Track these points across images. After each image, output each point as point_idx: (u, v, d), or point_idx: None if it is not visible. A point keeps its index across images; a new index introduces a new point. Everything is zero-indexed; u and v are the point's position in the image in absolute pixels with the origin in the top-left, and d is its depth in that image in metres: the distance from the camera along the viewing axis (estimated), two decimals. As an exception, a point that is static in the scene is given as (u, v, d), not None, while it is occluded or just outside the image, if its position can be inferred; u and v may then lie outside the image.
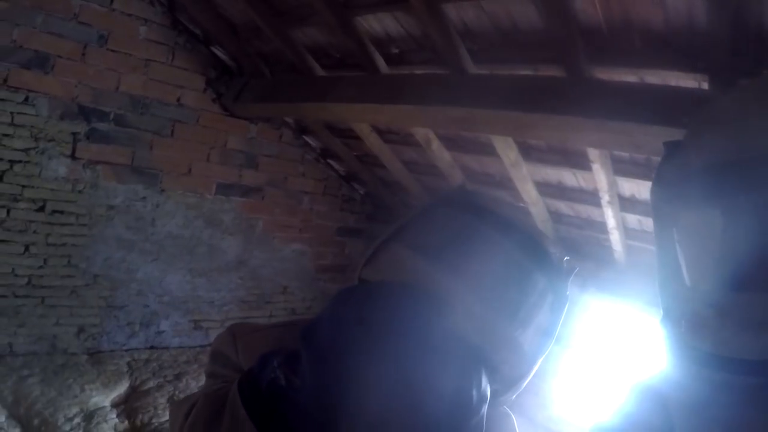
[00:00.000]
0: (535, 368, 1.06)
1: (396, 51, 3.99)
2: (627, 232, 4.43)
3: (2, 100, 4.35)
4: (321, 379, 0.85)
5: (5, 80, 4.34)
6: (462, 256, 0.97)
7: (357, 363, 0.84)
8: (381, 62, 4.03)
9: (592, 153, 3.56)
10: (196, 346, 5.67)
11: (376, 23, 3.82)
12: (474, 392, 0.88)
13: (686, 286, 0.87)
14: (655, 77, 2.81)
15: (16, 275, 4.61)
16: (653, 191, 0.96)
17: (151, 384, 4.95)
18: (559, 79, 3.08)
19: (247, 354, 1.08)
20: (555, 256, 1.08)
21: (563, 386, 5.40)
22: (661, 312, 0.93)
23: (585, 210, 4.53)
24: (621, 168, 3.73)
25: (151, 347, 5.42)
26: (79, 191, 4.80)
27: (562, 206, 4.69)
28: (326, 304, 0.96)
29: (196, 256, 5.62)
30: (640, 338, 4.97)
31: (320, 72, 4.65)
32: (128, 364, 5.09)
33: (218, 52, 5.42)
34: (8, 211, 4.51)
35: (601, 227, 4.46)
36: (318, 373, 0.86)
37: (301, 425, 0.86)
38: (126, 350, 5.24)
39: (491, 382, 0.95)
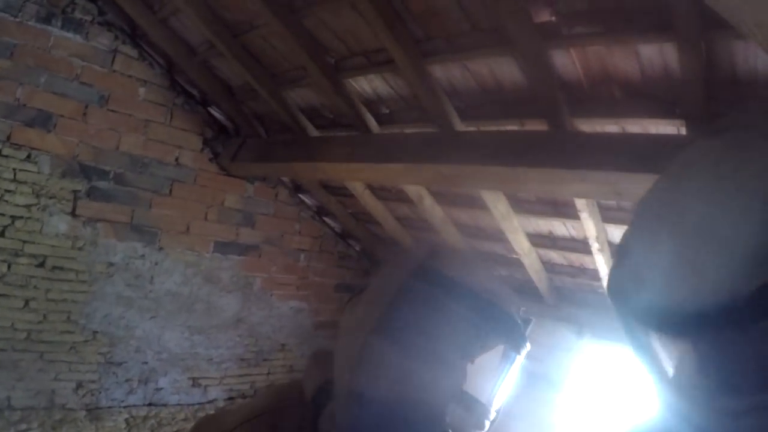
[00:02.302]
0: (493, 413, 1.15)
1: (386, 111, 4.12)
2: (619, 279, 4.48)
3: (5, 156, 4.46)
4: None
5: (8, 137, 4.46)
6: (442, 345, 1.07)
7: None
8: (372, 122, 4.17)
9: (579, 203, 3.65)
10: (195, 403, 5.66)
11: (366, 84, 3.96)
12: None
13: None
14: (636, 126, 2.92)
15: (15, 329, 4.63)
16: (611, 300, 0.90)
17: (148, 441, 4.96)
18: (542, 133, 3.19)
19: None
20: (520, 326, 1.17)
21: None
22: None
23: (577, 258, 4.60)
24: (609, 215, 3.82)
25: (150, 404, 5.40)
26: (79, 248, 4.87)
27: (555, 256, 4.76)
28: None
29: (194, 314, 5.65)
30: (636, 383, 4.98)
31: (314, 132, 4.79)
32: (126, 420, 5.07)
33: (215, 113, 5.56)
34: (9, 266, 4.56)
35: (594, 274, 4.52)
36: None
37: None
38: (124, 407, 5.23)
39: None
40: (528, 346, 1.18)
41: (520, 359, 1.17)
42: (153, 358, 5.41)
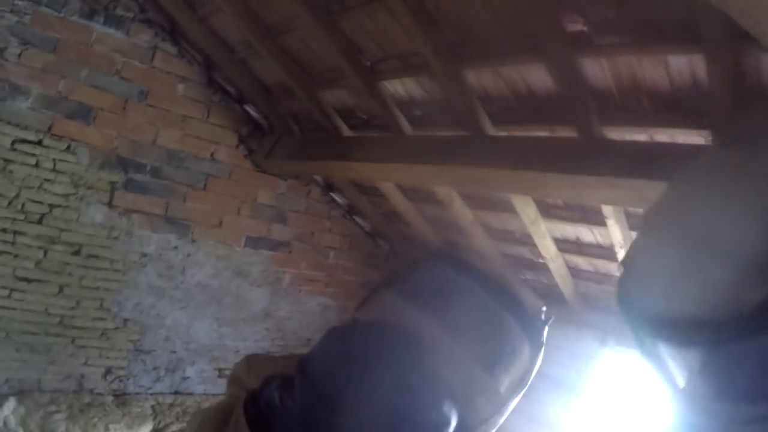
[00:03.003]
0: (507, 408, 1.19)
1: (419, 113, 4.17)
2: (645, 287, 4.49)
3: (46, 147, 4.60)
4: (307, 401, 1.01)
5: (50, 128, 4.60)
6: (444, 304, 1.11)
7: (338, 390, 1.00)
8: (405, 124, 4.21)
9: (606, 209, 3.68)
10: (220, 393, 5.71)
11: (400, 87, 4.01)
12: (436, 419, 1.03)
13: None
14: (663, 135, 2.95)
15: (49, 314, 4.76)
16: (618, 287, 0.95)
17: (174, 428, 5.05)
18: (572, 140, 3.23)
19: (258, 379, 1.23)
20: (531, 308, 1.21)
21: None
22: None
23: (603, 265, 4.61)
24: (635, 223, 3.83)
25: (176, 392, 5.50)
26: (114, 238, 4.99)
27: (581, 261, 4.78)
28: (320, 338, 1.12)
29: (223, 306, 5.75)
30: (655, 392, 4.98)
31: (347, 132, 4.86)
32: (152, 407, 5.17)
33: (251, 111, 5.64)
34: (45, 252, 4.69)
35: (620, 282, 4.53)
36: (305, 396, 1.02)
37: None
38: (151, 394, 5.33)
39: (462, 417, 1.08)
40: (544, 341, 1.22)
41: (538, 357, 1.21)
42: (181, 348, 5.52)
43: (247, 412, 1.06)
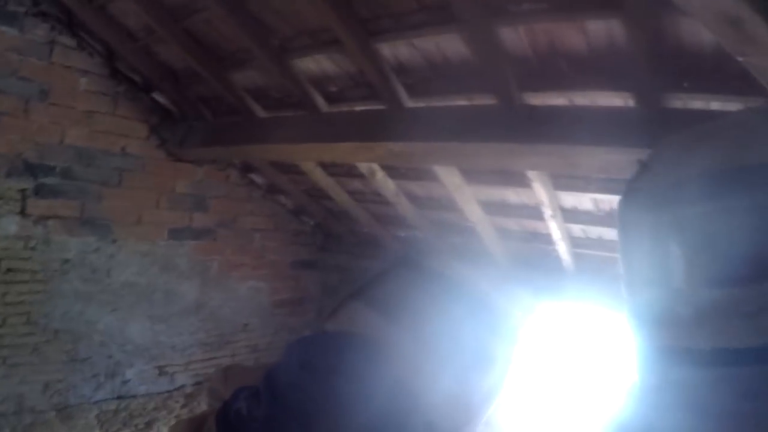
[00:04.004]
0: (479, 416, 1.16)
1: (334, 89, 4.10)
2: (572, 241, 4.59)
3: (-54, 161, 4.34)
4: (272, 412, 0.99)
5: (-54, 141, 4.34)
6: (411, 313, 1.09)
7: (301, 401, 0.98)
8: (320, 101, 4.13)
9: (531, 173, 3.71)
10: (163, 392, 5.65)
11: (312, 64, 3.92)
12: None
13: (663, 288, 0.93)
14: (584, 98, 2.96)
15: (-26, 338, 4.55)
16: (627, 202, 1.04)
17: (123, 435, 4.94)
18: (492, 107, 3.20)
19: (234, 390, 1.20)
20: (503, 312, 1.19)
21: (523, 389, 5.53)
22: (633, 321, 0.99)
23: (530, 224, 4.66)
24: (560, 183, 3.88)
25: (119, 397, 5.37)
26: (32, 248, 4.77)
27: (508, 222, 4.82)
28: (285, 348, 1.09)
29: (154, 303, 5.62)
30: (596, 337, 5.14)
31: (261, 113, 4.75)
32: (97, 417, 5.05)
33: (159, 99, 5.47)
34: (-39, 274, 4.47)
35: (547, 239, 4.61)
36: (268, 406, 0.99)
37: None
38: (93, 403, 5.19)
39: (432, 428, 1.06)
40: (519, 340, 1.20)
41: (512, 354, 1.19)
42: (117, 351, 5.37)
43: (218, 422, 1.04)
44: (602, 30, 2.57)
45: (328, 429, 0.97)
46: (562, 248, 4.59)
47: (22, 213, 4.71)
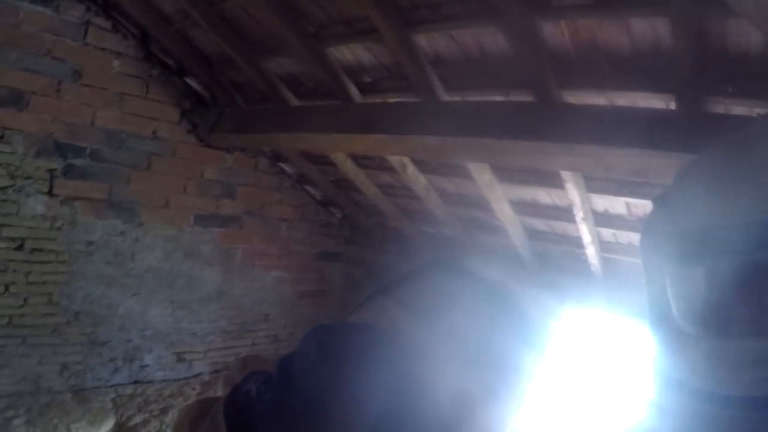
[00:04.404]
0: (507, 420, 1.11)
1: (368, 80, 4.05)
2: (602, 245, 4.51)
3: (-23, 138, 4.34)
4: (282, 393, 0.94)
5: (-21, 120, 4.33)
6: (441, 313, 1.03)
7: (310, 385, 0.93)
8: (354, 91, 4.08)
9: (564, 173, 3.63)
10: (180, 378, 5.64)
11: (348, 53, 3.88)
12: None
13: (675, 329, 0.94)
14: (624, 99, 2.87)
15: (-4, 316, 4.57)
16: (641, 240, 1.04)
17: (137, 420, 4.93)
18: (529, 104, 3.14)
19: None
20: (536, 322, 1.13)
21: (543, 397, 5.45)
22: (655, 347, 1.00)
23: (560, 226, 4.59)
24: (593, 185, 3.80)
25: (136, 382, 5.36)
26: (58, 228, 4.77)
27: (538, 223, 4.75)
28: (304, 334, 1.04)
29: (176, 289, 5.60)
30: (620, 346, 5.05)
31: (294, 102, 4.70)
32: (113, 400, 5.03)
33: (192, 83, 5.46)
34: (-14, 252, 4.47)
35: (577, 242, 4.53)
36: (280, 388, 0.95)
37: (260, 429, 0.95)
38: (110, 386, 5.18)
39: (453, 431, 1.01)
40: (548, 351, 1.15)
41: (539, 365, 1.14)
42: (137, 336, 5.36)
43: (226, 403, 1.01)
44: (647, 28, 2.49)
45: (335, 418, 0.92)
46: (592, 252, 4.51)
47: (50, 193, 4.70)
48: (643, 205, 3.81)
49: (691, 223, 0.89)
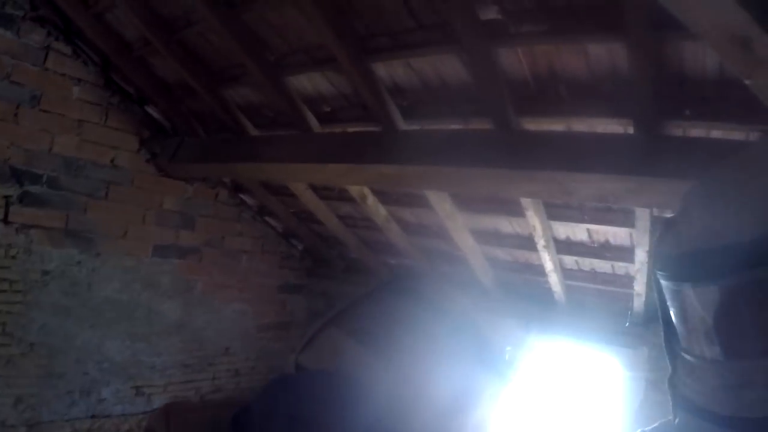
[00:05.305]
0: None
1: (328, 109, 4.05)
2: (565, 273, 4.53)
3: (-70, 163, 4.24)
4: None
5: (-68, 143, 4.24)
6: (394, 344, 1.01)
7: None
8: (313, 121, 4.08)
9: (525, 201, 3.64)
10: (139, 413, 5.50)
11: (307, 82, 3.87)
12: None
13: (689, 351, 0.94)
14: (583, 125, 2.92)
15: (-52, 347, 4.41)
16: (654, 263, 1.03)
17: (94, 455, 4.80)
18: (488, 132, 3.15)
19: None
20: (498, 349, 1.11)
21: (507, 424, 5.42)
22: (671, 370, 1.00)
23: (522, 255, 4.61)
24: (554, 212, 3.83)
25: (93, 416, 5.21)
26: (13, 257, 4.65)
27: (500, 252, 4.76)
28: (258, 393, 0.99)
29: (135, 321, 5.48)
30: (584, 373, 5.05)
31: (253, 131, 4.68)
32: (70, 435, 4.88)
33: (152, 112, 5.41)
34: (-62, 281, 4.34)
35: (539, 270, 4.55)
36: None
37: None
38: (67, 420, 5.03)
39: None
40: (511, 378, 1.14)
41: (501, 391, 1.12)
42: (94, 369, 5.22)
43: None
44: (603, 54, 2.52)
45: None
46: (554, 279, 4.52)
47: (5, 221, 4.59)
48: (604, 232, 3.84)
49: (697, 245, 0.89)
